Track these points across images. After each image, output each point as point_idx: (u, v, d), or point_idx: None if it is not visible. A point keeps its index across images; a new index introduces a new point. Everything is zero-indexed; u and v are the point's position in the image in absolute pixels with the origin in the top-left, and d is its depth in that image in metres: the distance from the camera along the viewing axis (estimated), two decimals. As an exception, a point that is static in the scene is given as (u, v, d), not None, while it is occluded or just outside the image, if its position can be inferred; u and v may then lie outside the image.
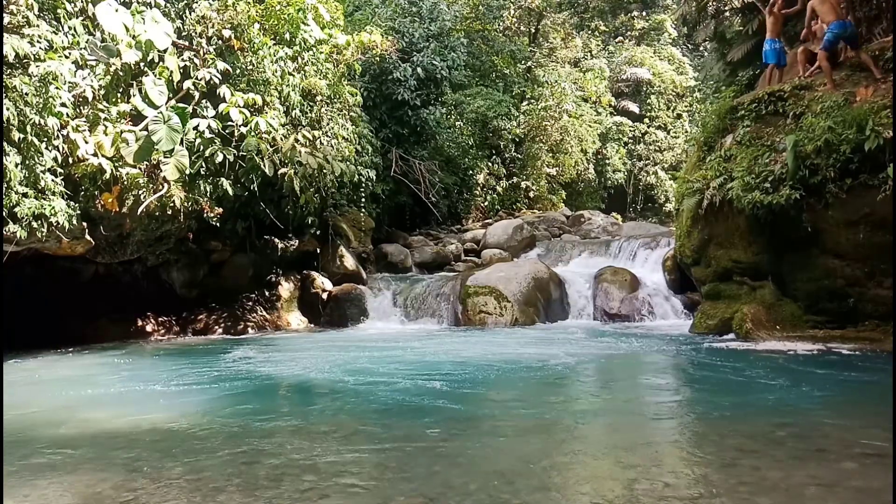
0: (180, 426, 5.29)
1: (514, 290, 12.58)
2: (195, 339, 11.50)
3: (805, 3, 10.31)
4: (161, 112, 9.20)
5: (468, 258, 17.56)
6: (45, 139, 8.48)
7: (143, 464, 4.31)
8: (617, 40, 35.14)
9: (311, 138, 11.26)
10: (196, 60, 10.34)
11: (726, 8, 16.99)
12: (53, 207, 8.51)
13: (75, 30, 9.05)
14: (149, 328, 11.71)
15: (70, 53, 8.89)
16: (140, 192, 9.62)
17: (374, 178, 14.87)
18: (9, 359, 8.86)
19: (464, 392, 6.44)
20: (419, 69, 17.38)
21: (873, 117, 8.26)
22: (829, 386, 6.51)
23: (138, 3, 9.81)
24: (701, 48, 31.20)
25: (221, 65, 10.34)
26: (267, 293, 12.96)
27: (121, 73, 9.40)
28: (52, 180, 8.61)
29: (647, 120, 32.87)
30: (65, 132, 8.76)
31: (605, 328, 11.86)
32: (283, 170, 10.84)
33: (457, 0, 23.26)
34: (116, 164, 9.14)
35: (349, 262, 14.14)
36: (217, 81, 10.25)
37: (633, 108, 32.83)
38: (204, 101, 10.34)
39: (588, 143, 27.63)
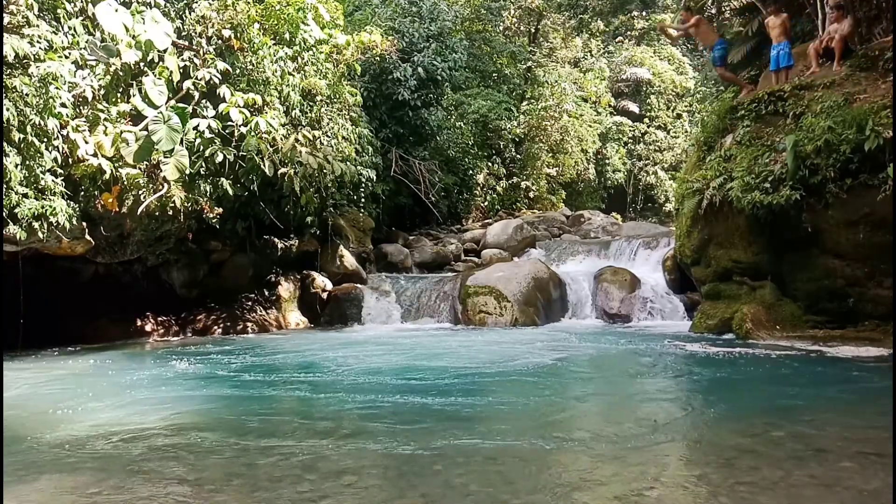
0: (180, 426, 5.29)
1: (514, 290, 12.57)
2: (195, 339, 11.50)
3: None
4: (161, 112, 9.20)
5: (468, 258, 17.57)
6: (45, 139, 8.47)
7: (142, 464, 4.31)
8: (617, 40, 35.13)
9: (311, 138, 11.25)
10: (196, 60, 10.34)
11: (726, 8, 16.98)
12: (53, 208, 8.50)
13: (75, 30, 9.04)
14: (148, 328, 11.70)
15: (70, 53, 8.88)
16: (140, 192, 9.61)
17: (374, 178, 14.87)
18: (9, 359, 8.86)
19: (464, 392, 6.44)
20: (419, 69, 17.36)
21: (873, 117, 8.27)
22: (828, 386, 6.52)
23: (138, 3, 9.81)
24: (701, 48, 31.16)
25: (221, 65, 10.34)
26: (267, 293, 12.96)
27: (121, 73, 9.40)
28: (52, 180, 8.61)
29: (646, 120, 32.87)
30: (65, 132, 8.75)
31: (605, 328, 11.86)
32: (283, 170, 10.84)
33: (457, 0, 23.25)
34: (116, 165, 9.13)
35: (349, 261, 14.14)
36: (217, 81, 10.25)
37: (633, 108, 32.83)
38: (204, 101, 10.33)
39: (588, 143, 27.66)
